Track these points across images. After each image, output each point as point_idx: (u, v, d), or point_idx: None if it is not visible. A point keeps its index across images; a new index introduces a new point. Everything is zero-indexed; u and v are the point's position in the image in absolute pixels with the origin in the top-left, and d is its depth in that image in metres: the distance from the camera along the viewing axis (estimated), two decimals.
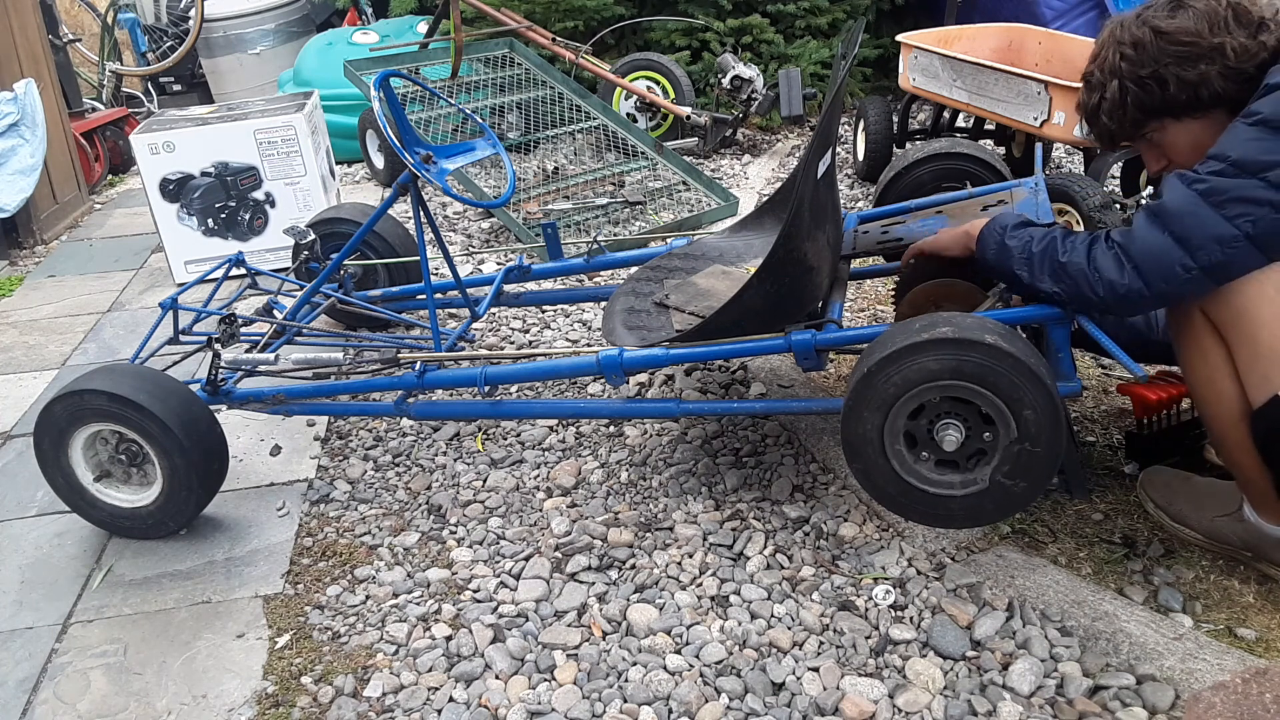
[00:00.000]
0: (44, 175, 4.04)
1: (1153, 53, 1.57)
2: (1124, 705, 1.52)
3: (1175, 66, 1.55)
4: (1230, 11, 1.54)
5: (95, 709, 1.69)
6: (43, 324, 3.31)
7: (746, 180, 4.21)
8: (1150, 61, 1.57)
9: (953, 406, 1.68)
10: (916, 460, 1.72)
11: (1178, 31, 1.55)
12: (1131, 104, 1.62)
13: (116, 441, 2.07)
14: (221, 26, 5.91)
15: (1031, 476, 1.66)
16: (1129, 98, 1.61)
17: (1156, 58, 1.56)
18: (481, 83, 4.38)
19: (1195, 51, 1.54)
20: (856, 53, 2.16)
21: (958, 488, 1.70)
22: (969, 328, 1.61)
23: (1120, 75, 1.61)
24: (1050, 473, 1.65)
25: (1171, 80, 1.56)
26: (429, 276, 2.21)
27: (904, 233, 2.24)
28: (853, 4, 4.85)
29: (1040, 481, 1.66)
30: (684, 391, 2.53)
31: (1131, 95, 1.61)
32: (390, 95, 2.17)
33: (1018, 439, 1.63)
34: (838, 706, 1.57)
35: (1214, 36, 1.53)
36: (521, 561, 1.96)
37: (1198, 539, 1.80)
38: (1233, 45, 1.52)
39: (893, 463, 1.71)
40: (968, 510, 1.71)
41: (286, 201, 3.51)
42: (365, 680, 1.70)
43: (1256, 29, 1.53)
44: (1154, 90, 1.59)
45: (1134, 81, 1.59)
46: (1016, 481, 1.67)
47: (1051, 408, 1.60)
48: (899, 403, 1.67)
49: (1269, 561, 1.72)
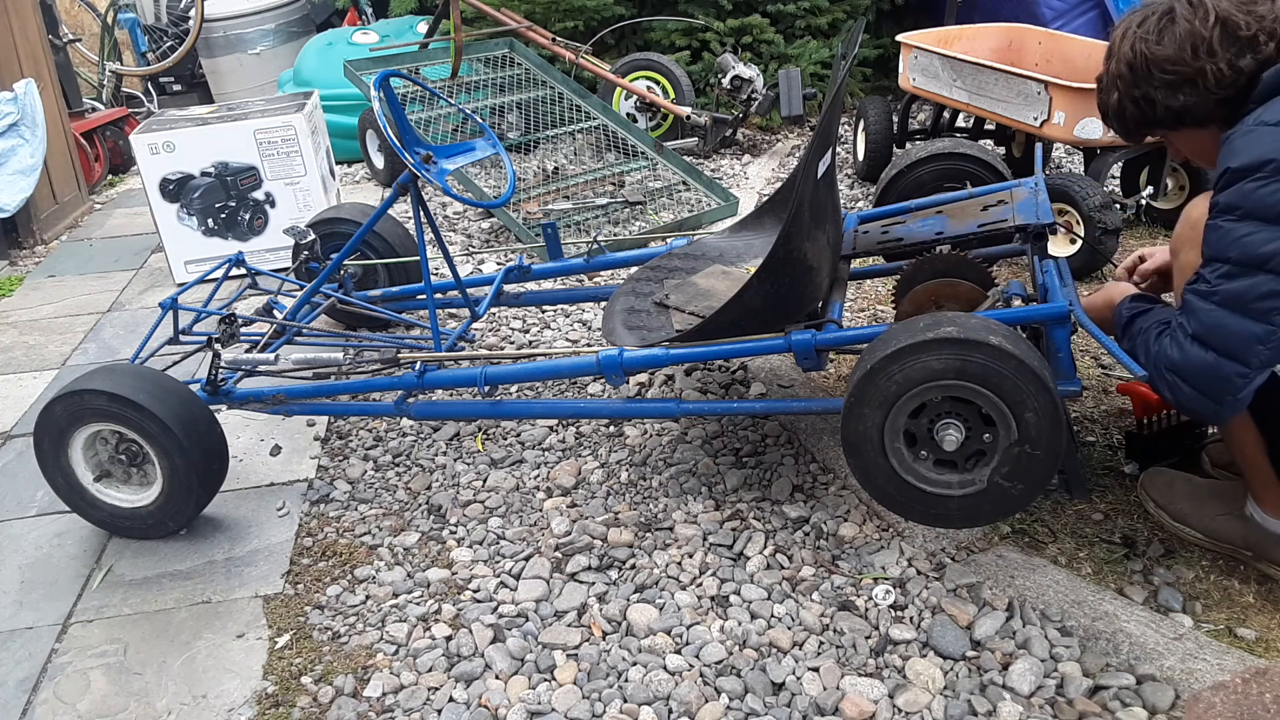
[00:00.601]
0: (44, 175, 4.04)
1: (1142, 75, 1.59)
2: (1124, 705, 1.52)
3: (1161, 91, 1.58)
4: (1217, 30, 1.52)
5: (95, 709, 1.69)
6: (43, 324, 3.31)
7: (746, 180, 4.21)
8: (1141, 83, 1.60)
9: (954, 406, 1.68)
10: (916, 459, 1.72)
11: (1162, 59, 1.56)
12: (1130, 117, 1.66)
13: (116, 441, 2.07)
14: (221, 26, 5.91)
15: (1030, 478, 1.66)
16: (1127, 111, 1.66)
17: (1145, 80, 1.59)
18: (481, 83, 4.38)
19: (1177, 79, 1.55)
20: (856, 53, 2.16)
21: (956, 488, 1.70)
22: (973, 328, 1.61)
23: (1118, 89, 1.65)
24: (1049, 475, 1.65)
25: (1159, 104, 1.59)
26: (429, 276, 2.21)
27: (904, 233, 2.24)
28: (853, 4, 4.85)
29: (1039, 483, 1.66)
30: (684, 391, 2.53)
31: (1129, 110, 1.65)
32: (390, 95, 2.17)
33: (1018, 440, 1.63)
34: (838, 706, 1.57)
35: (1195, 61, 1.53)
36: (521, 561, 1.96)
37: (1198, 538, 1.80)
38: (1213, 71, 1.52)
39: (892, 461, 1.71)
40: (965, 510, 1.71)
41: (286, 201, 3.51)
42: (365, 680, 1.70)
43: (1241, 50, 1.51)
44: (1146, 109, 1.62)
45: (1129, 99, 1.63)
46: (1015, 483, 1.67)
47: (1053, 410, 1.60)
48: (900, 401, 1.67)
49: (1270, 560, 1.72)
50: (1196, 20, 1.54)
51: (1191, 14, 1.55)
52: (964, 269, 2.05)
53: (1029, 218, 2.12)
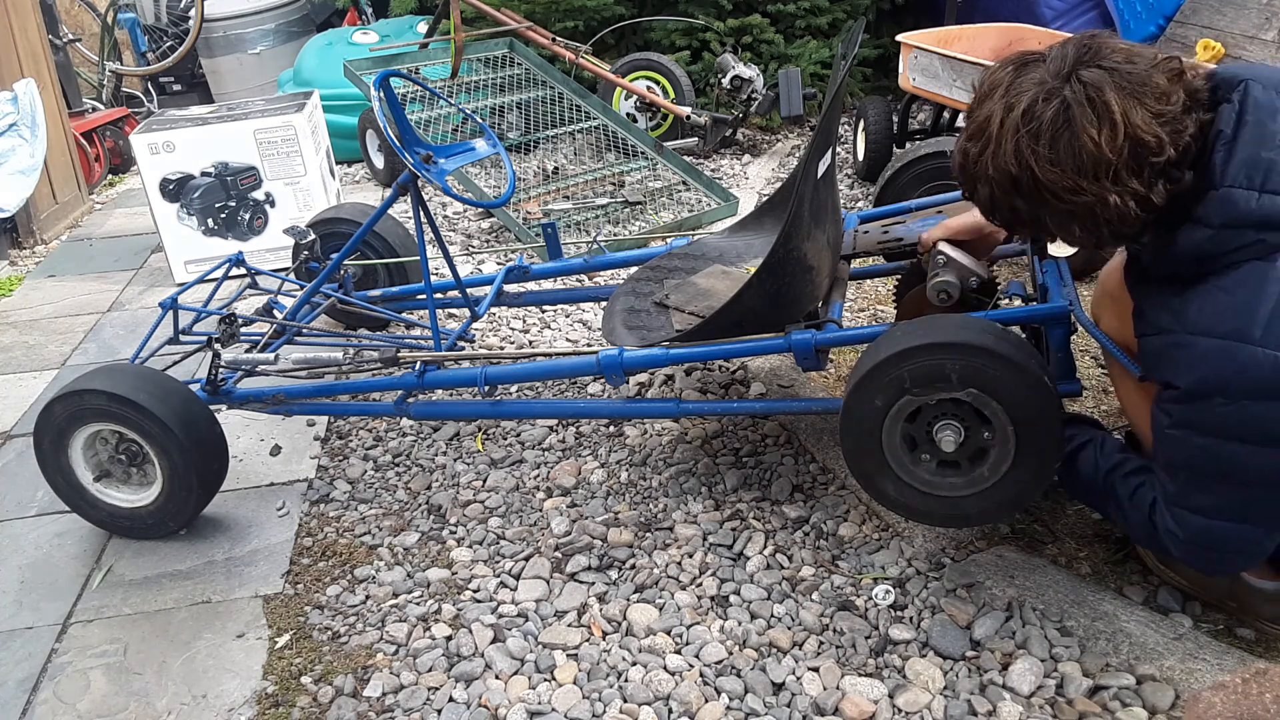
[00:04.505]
0: (44, 175, 4.04)
1: (1027, 191, 1.36)
2: (1124, 705, 1.52)
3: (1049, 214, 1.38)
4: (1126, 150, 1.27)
5: (95, 709, 1.69)
6: (43, 324, 3.31)
7: (746, 180, 4.21)
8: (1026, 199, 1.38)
9: (952, 408, 1.67)
10: (915, 463, 1.71)
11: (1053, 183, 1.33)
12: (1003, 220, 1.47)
13: (116, 441, 2.07)
14: (221, 26, 5.91)
15: (1009, 499, 1.65)
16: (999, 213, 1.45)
17: (1032, 198, 1.37)
18: (481, 83, 4.38)
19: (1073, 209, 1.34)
20: (856, 53, 2.16)
21: (958, 489, 1.70)
22: (971, 330, 1.61)
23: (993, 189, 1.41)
24: (1047, 477, 1.64)
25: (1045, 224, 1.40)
26: (429, 276, 2.20)
27: (904, 233, 2.24)
28: (853, 4, 4.84)
29: (1037, 485, 1.65)
30: (684, 391, 2.53)
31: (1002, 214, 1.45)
32: (390, 95, 2.17)
33: (1016, 441, 1.63)
34: (838, 706, 1.57)
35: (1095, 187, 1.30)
36: (521, 561, 1.96)
37: (1183, 584, 1.72)
38: (1115, 200, 1.30)
39: (884, 446, 1.70)
40: (964, 511, 1.71)
41: (286, 201, 3.51)
42: (365, 680, 1.70)
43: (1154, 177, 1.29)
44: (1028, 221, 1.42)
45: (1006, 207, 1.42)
46: (994, 498, 1.66)
47: (1052, 411, 1.59)
48: (898, 403, 1.66)
49: (1255, 615, 1.64)
50: (1102, 134, 1.28)
51: (1096, 123, 1.28)
52: None
53: None
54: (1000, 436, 1.61)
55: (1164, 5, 4.37)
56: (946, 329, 1.61)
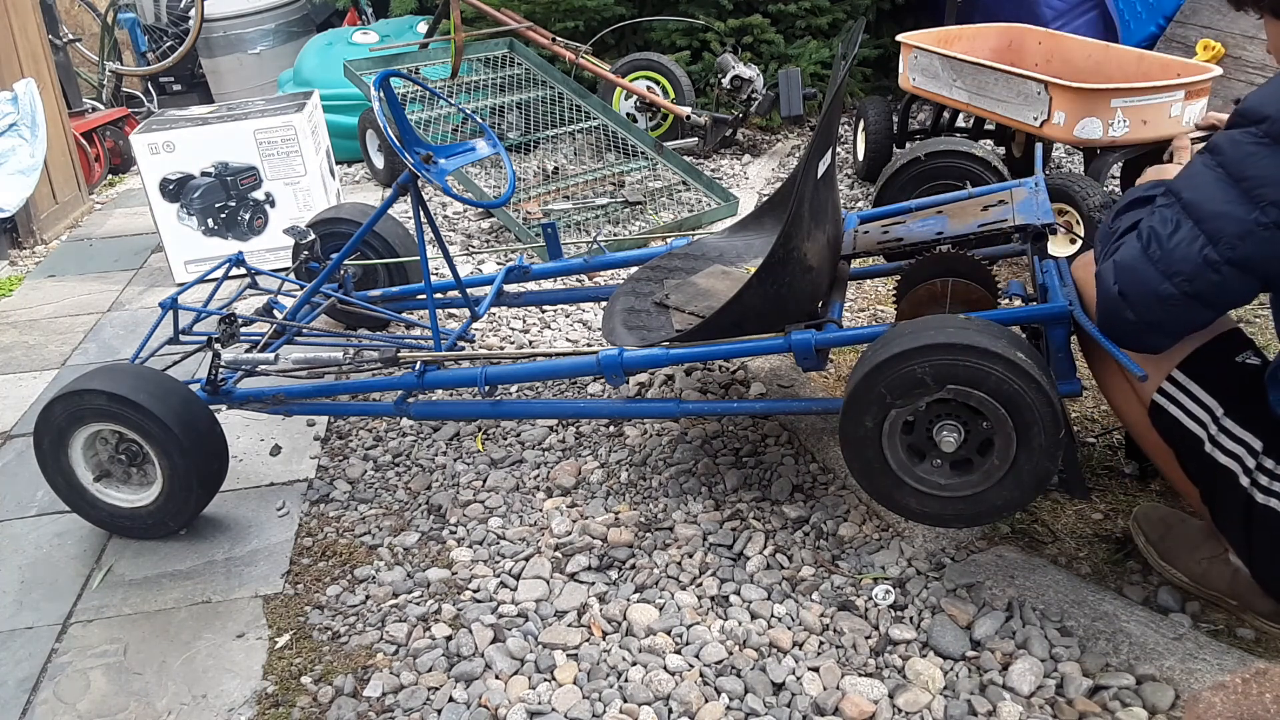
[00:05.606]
0: (44, 175, 4.04)
1: None
2: (1124, 705, 1.52)
3: None
4: None
5: (95, 709, 1.69)
6: (43, 324, 3.31)
7: (746, 180, 4.21)
8: None
9: (952, 409, 1.67)
10: (927, 471, 1.71)
11: None
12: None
13: (116, 441, 2.07)
14: (221, 26, 5.91)
15: (1028, 480, 1.65)
16: None
17: None
18: (481, 83, 4.38)
19: None
20: (856, 53, 2.16)
21: (976, 485, 1.69)
22: (927, 330, 1.61)
23: None
24: (1046, 478, 1.64)
25: None
26: (429, 276, 2.21)
27: (904, 233, 2.24)
28: (853, 4, 4.85)
29: (1036, 486, 1.65)
30: (684, 391, 2.53)
31: None
32: (390, 95, 2.17)
33: (1016, 442, 1.63)
34: (838, 706, 1.57)
35: None
36: (521, 561, 1.96)
37: (1184, 581, 1.73)
38: None
39: (890, 463, 1.71)
40: (990, 504, 1.70)
41: (286, 201, 3.51)
42: (365, 680, 1.70)
43: None
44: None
45: None
46: (1013, 484, 1.66)
47: (1051, 412, 1.59)
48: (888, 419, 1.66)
49: (1254, 612, 1.65)
50: None
51: None
52: (964, 269, 2.05)
53: (1029, 218, 2.12)
54: (997, 422, 1.61)
55: (1164, 5, 4.38)
56: (904, 337, 1.62)
